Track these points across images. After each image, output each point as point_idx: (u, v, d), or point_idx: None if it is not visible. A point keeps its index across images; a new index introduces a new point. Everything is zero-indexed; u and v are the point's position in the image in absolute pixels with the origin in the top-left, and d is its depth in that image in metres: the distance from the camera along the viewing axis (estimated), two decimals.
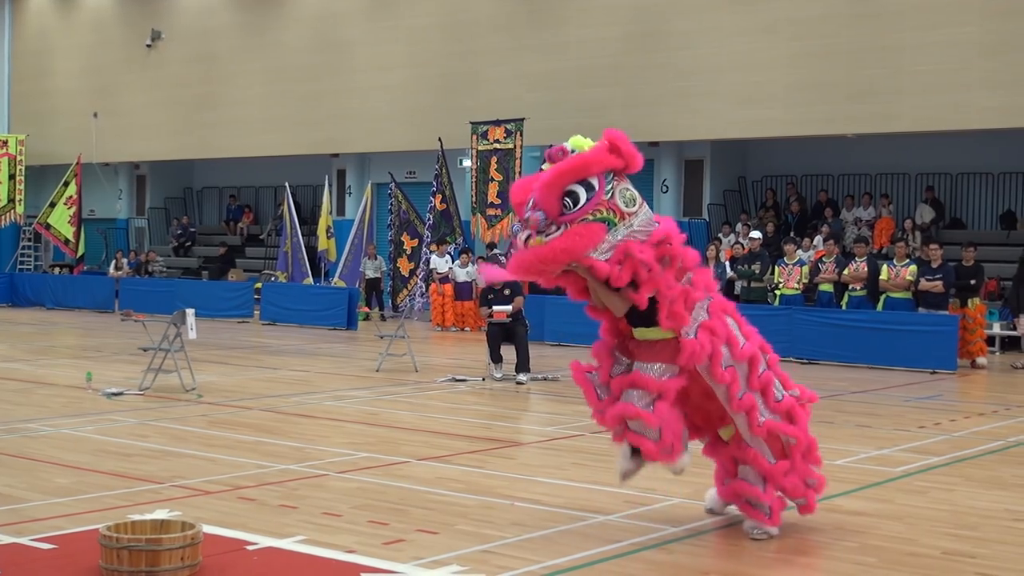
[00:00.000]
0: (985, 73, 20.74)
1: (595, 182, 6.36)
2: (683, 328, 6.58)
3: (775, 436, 6.85)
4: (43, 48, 35.92)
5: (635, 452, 6.74)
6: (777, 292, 19.24)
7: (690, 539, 7.01)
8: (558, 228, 6.30)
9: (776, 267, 19.38)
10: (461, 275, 23.84)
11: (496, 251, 24.27)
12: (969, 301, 18.07)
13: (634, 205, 6.50)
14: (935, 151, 23.89)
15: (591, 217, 6.32)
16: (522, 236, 6.41)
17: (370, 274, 26.02)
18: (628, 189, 6.51)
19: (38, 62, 35.92)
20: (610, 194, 6.39)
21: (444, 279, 23.95)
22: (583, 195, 6.32)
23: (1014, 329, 19.03)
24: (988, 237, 23.07)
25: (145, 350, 13.89)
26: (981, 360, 18.01)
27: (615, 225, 6.41)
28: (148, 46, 32.97)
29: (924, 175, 24.47)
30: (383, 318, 25.11)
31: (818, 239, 22.02)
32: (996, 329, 20.17)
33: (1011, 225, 23.30)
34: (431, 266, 24.38)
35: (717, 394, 6.76)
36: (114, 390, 13.08)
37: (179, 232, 34.29)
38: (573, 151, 6.46)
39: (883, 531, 7.29)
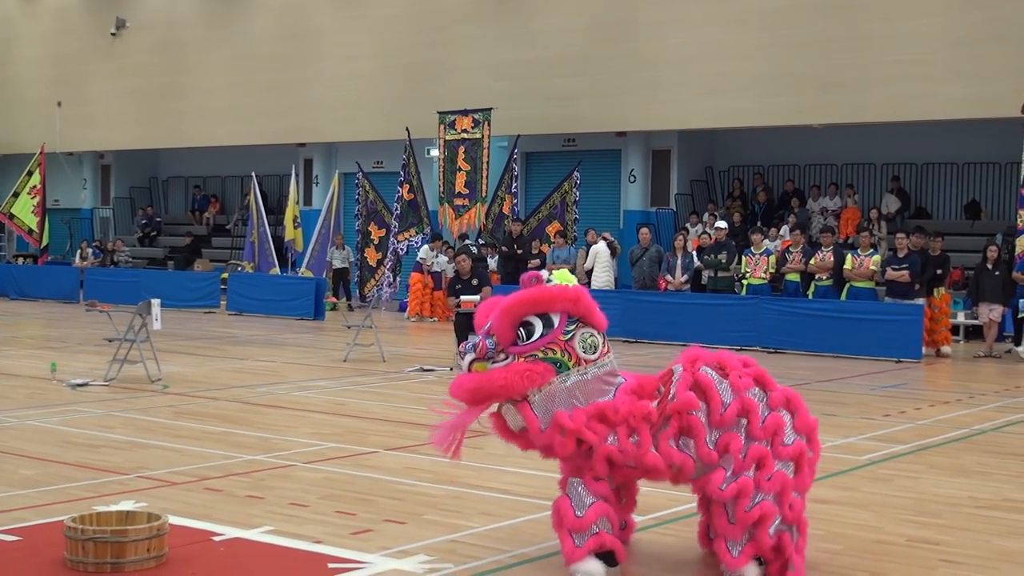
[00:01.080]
0: (951, 64, 20.86)
1: (556, 319, 5.98)
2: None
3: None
4: (6, 36, 35.56)
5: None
6: (744, 282, 19.34)
7: (656, 527, 7.04)
8: (505, 358, 5.93)
9: (743, 257, 19.47)
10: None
11: (467, 242, 24.23)
12: (935, 290, 18.23)
13: (594, 353, 6.03)
14: (901, 141, 24.03)
15: (541, 354, 5.91)
16: (467, 359, 6.04)
17: (337, 264, 25.96)
18: (592, 336, 6.06)
19: (1, 50, 35.54)
20: (569, 335, 5.97)
21: (429, 270, 23.92)
22: (539, 329, 5.95)
23: (977, 318, 19.19)
24: (953, 227, 23.22)
25: (110, 341, 13.79)
26: (946, 349, 18.18)
27: (567, 369, 5.96)
28: (113, 34, 32.72)
29: (890, 165, 24.60)
30: (350, 308, 25.04)
31: (784, 229, 22.11)
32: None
33: (975, 215, 23.48)
34: (420, 257, 24.31)
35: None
36: (79, 381, 12.99)
37: (144, 222, 34.07)
38: (549, 283, 6.05)
39: (848, 519, 7.34)
